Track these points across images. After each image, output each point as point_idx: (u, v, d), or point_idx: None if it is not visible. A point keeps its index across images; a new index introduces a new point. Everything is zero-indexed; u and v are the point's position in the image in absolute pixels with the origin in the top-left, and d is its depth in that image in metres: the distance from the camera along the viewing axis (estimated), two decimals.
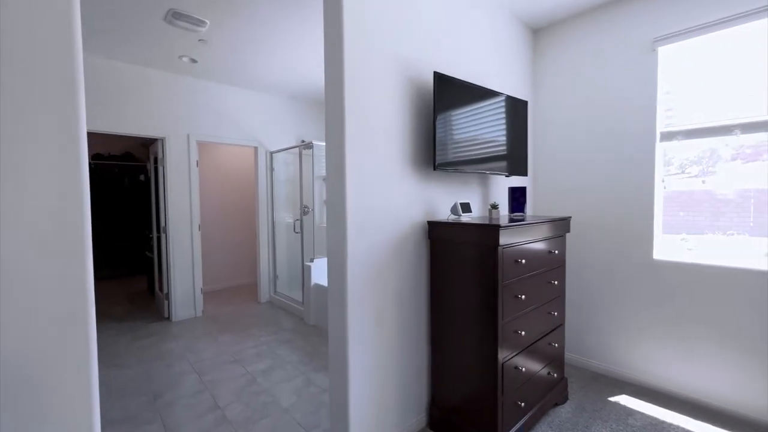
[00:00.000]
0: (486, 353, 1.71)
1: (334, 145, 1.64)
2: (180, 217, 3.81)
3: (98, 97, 3.29)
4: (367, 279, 1.71)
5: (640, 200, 2.34)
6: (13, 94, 0.79)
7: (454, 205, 1.94)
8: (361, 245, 1.67)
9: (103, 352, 3.03)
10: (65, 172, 0.86)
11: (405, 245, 1.87)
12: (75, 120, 0.85)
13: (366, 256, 1.69)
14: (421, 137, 1.94)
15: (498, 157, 2.20)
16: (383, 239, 1.76)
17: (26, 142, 0.80)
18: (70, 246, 0.92)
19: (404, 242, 1.87)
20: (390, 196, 1.79)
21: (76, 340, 0.85)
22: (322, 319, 3.56)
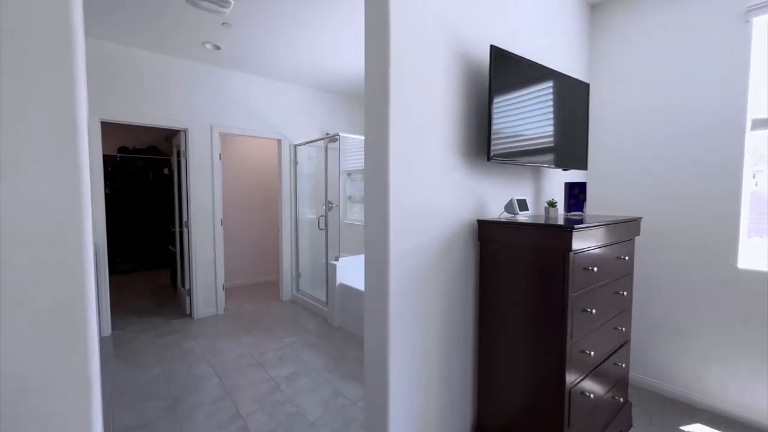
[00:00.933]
0: (549, 377, 1.45)
1: (376, 133, 1.42)
2: (202, 211, 3.70)
3: (118, 87, 3.19)
4: (411, 286, 1.48)
5: (722, 198, 2.01)
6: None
7: (510, 202, 1.68)
8: (404, 248, 1.44)
9: (123, 349, 2.93)
10: (59, 167, 0.76)
11: (452, 248, 1.63)
12: (71, 110, 0.77)
13: (410, 261, 1.46)
14: (472, 123, 1.69)
15: (557, 147, 1.92)
16: (429, 241, 1.53)
17: (11, 134, 0.71)
18: (65, 248, 0.76)
19: (451, 244, 1.62)
20: (437, 191, 1.55)
21: (73, 350, 0.79)
22: (348, 322, 3.37)
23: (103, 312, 3.17)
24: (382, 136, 1.39)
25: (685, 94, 2.11)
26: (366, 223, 1.49)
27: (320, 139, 3.99)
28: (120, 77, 3.19)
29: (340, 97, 4.68)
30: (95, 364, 0.85)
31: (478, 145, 1.71)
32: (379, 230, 1.42)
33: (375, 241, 1.45)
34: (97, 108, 3.09)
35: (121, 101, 3.20)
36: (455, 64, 1.60)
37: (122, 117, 3.22)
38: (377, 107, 1.41)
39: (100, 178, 3.15)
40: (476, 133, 1.71)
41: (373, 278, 1.48)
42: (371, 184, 1.45)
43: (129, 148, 5.91)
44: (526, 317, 1.53)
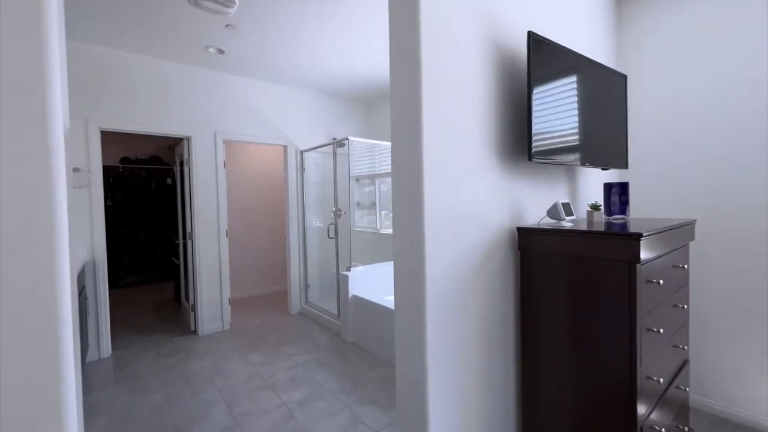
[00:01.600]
0: (614, 413, 1.24)
1: (407, 135, 1.24)
2: (206, 222, 3.52)
3: (119, 94, 3.04)
4: (449, 306, 1.28)
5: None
6: None
7: (554, 207, 1.48)
8: (441, 262, 1.25)
9: (124, 372, 2.74)
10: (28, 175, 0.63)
11: (491, 260, 1.43)
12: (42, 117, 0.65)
13: (447, 276, 1.27)
14: (507, 119, 1.50)
15: (597, 145, 1.73)
16: (465, 252, 1.33)
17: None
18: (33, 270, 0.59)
19: (489, 256, 1.43)
20: (473, 196, 1.36)
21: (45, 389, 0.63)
22: (362, 337, 3.16)
23: (102, 331, 2.99)
24: (414, 138, 1.20)
25: (730, 84, 1.91)
26: (395, 236, 1.30)
27: (328, 144, 3.82)
28: (120, 84, 3.04)
29: (346, 102, 4.53)
30: (69, 404, 0.67)
31: (514, 144, 1.53)
32: (412, 243, 1.23)
33: (407, 256, 1.25)
34: (97, 117, 2.94)
35: (122, 109, 3.05)
36: (489, 54, 1.42)
37: (124, 126, 3.07)
38: (407, 106, 1.22)
39: (100, 190, 2.99)
40: (512, 130, 1.52)
41: (405, 297, 1.28)
42: (401, 192, 1.26)
43: (131, 159, 5.78)
44: (579, 341, 1.32)
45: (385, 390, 2.43)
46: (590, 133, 1.68)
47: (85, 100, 2.88)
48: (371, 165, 4.54)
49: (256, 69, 3.52)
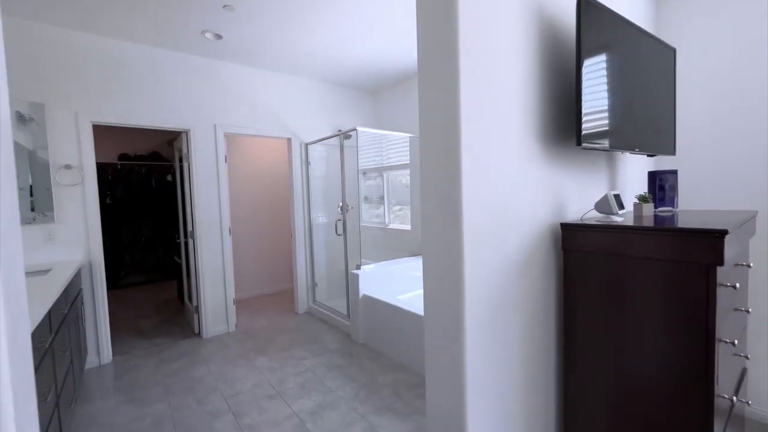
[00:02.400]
0: None
1: (441, 122, 1.05)
2: (208, 220, 3.35)
3: (111, 86, 2.85)
4: (489, 317, 1.10)
5: None
6: None
7: (604, 199, 1.29)
8: (481, 268, 1.06)
9: (125, 380, 2.60)
10: None
11: (532, 264, 1.25)
12: None
13: (488, 284, 1.09)
14: (550, 99, 1.31)
15: (645, 128, 1.53)
16: (506, 255, 1.15)
17: None
18: None
19: (531, 258, 1.25)
20: (514, 189, 1.17)
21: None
22: (374, 338, 3.00)
23: (102, 336, 2.84)
24: (450, 125, 1.02)
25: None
26: (424, 238, 1.11)
27: (334, 135, 3.63)
28: (113, 75, 2.85)
29: (352, 91, 4.32)
30: None
31: (557, 128, 1.33)
32: (447, 246, 1.05)
33: (441, 261, 1.07)
34: (88, 110, 2.75)
35: (115, 102, 2.87)
36: (532, 24, 1.22)
37: (117, 119, 2.88)
38: (442, 88, 1.03)
39: (94, 187, 2.82)
40: (555, 112, 1.33)
41: (437, 310, 1.10)
42: (433, 188, 1.08)
43: (130, 155, 5.61)
44: (643, 358, 1.14)
45: (402, 397, 2.27)
46: (639, 115, 1.49)
47: (75, 92, 2.70)
48: (378, 157, 4.34)
49: (257, 57, 3.31)
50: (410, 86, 3.95)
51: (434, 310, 1.11)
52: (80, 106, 2.72)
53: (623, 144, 1.41)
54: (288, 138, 3.85)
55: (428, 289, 1.13)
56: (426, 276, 1.13)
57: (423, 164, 1.11)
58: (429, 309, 1.13)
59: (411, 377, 2.50)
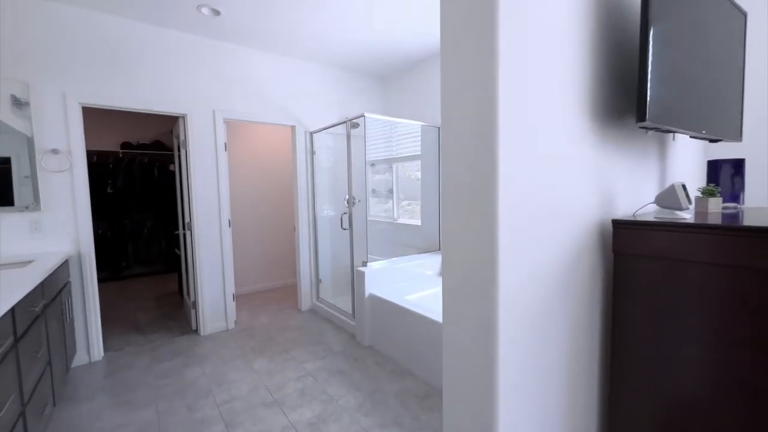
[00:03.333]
0: None
1: (474, 94, 0.81)
2: (207, 211, 3.17)
3: (101, 66, 2.65)
4: (529, 346, 0.87)
5: None
6: None
7: (670, 191, 1.04)
8: (519, 275, 0.84)
9: (114, 379, 2.43)
10: None
11: (576, 269, 1.02)
12: None
13: (526, 292, 0.86)
14: (606, 70, 1.06)
15: (712, 108, 1.27)
16: (547, 260, 0.92)
17: None
18: None
19: (576, 262, 1.01)
20: (558, 178, 0.94)
21: None
22: (381, 341, 2.79)
23: (92, 332, 2.68)
24: (485, 100, 0.78)
25: None
26: (446, 239, 0.88)
27: (340, 123, 3.39)
28: (103, 54, 2.65)
29: (361, 77, 4.07)
30: None
31: (610, 104, 1.08)
32: (476, 247, 0.82)
33: (468, 265, 0.84)
34: (76, 91, 2.56)
35: (106, 83, 2.67)
36: None
37: (108, 101, 2.69)
38: (473, 52, 0.79)
39: (84, 174, 2.64)
40: (608, 85, 1.08)
41: (460, 324, 0.87)
42: (457, 180, 0.86)
43: (132, 144, 5.47)
44: (722, 392, 0.90)
45: (410, 409, 2.06)
46: (705, 93, 1.22)
47: (62, 71, 2.51)
48: (388, 148, 4.10)
49: (259, 37, 3.09)
50: (422, 72, 3.69)
51: (457, 319, 0.88)
52: (68, 86, 2.53)
53: (689, 124, 1.15)
54: (292, 126, 3.63)
55: (450, 296, 0.90)
56: (447, 280, 0.90)
57: (446, 150, 0.88)
58: (451, 317, 0.90)
59: (419, 386, 2.29)
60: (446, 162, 0.89)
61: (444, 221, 0.90)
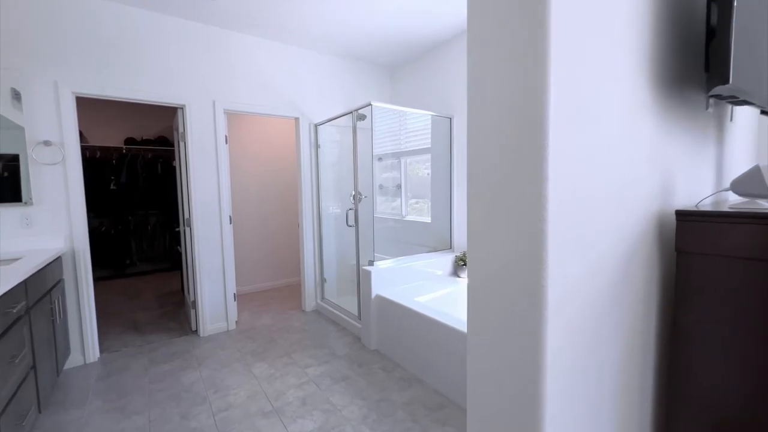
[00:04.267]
0: None
1: (518, 51, 0.64)
2: (207, 207, 3.03)
3: (94, 52, 2.53)
4: (580, 354, 0.70)
5: None
6: None
7: (753, 174, 0.85)
8: (572, 272, 0.66)
9: (108, 382, 2.31)
10: None
11: (630, 269, 0.83)
12: None
13: (577, 300, 0.68)
14: (669, 25, 0.87)
15: None
16: (600, 259, 0.74)
17: None
18: None
19: (631, 261, 0.83)
20: (615, 159, 0.76)
21: None
22: (387, 345, 2.63)
23: (87, 332, 2.57)
24: (533, 61, 0.61)
25: None
26: (473, 237, 0.72)
27: (346, 113, 3.22)
28: (97, 42, 2.52)
29: (367, 67, 3.90)
30: None
31: (673, 67, 0.89)
32: (516, 246, 0.64)
33: (503, 263, 0.67)
34: (69, 79, 2.44)
35: (101, 72, 2.55)
36: None
37: (102, 91, 2.57)
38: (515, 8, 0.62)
39: (77, 167, 2.52)
40: (672, 42, 0.89)
41: (490, 338, 0.70)
42: (490, 160, 0.67)
43: (136, 139, 5.39)
44: None
45: (419, 422, 1.89)
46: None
47: (53, 58, 2.39)
48: (395, 142, 3.93)
49: (260, 24, 2.94)
50: (432, 60, 3.50)
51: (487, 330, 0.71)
52: (60, 75, 2.41)
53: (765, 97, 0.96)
54: (296, 118, 3.48)
55: (478, 300, 0.73)
56: (474, 285, 0.73)
57: (474, 126, 0.71)
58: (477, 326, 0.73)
59: (430, 395, 2.12)
60: (472, 143, 0.72)
61: (471, 210, 0.73)
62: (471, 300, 0.74)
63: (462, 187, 3.30)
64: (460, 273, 3.19)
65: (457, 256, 3.25)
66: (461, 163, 3.30)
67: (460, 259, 3.21)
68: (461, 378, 2.01)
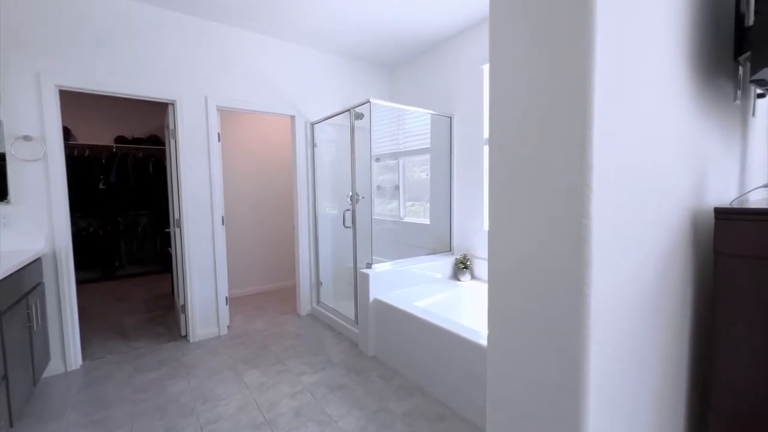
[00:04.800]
0: None
1: (559, 26, 0.54)
2: (198, 207, 2.91)
3: (79, 44, 2.41)
4: (623, 378, 0.60)
5: None
6: None
7: None
8: (615, 277, 0.56)
9: (89, 393, 2.18)
10: None
11: (668, 272, 0.74)
12: None
13: (622, 305, 0.58)
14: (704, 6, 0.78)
15: None
16: (640, 262, 0.64)
17: None
18: None
19: (667, 265, 0.73)
20: (655, 149, 0.67)
21: None
22: (386, 351, 2.52)
23: (69, 338, 2.43)
24: (579, 34, 0.51)
25: None
26: (496, 237, 0.62)
27: (343, 111, 3.12)
28: (83, 32, 2.41)
29: (366, 66, 3.81)
30: None
31: (708, 52, 0.81)
32: (551, 245, 0.55)
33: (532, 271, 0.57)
34: (52, 71, 2.32)
35: (87, 64, 2.43)
36: None
37: (88, 84, 2.45)
38: None
39: (61, 164, 2.39)
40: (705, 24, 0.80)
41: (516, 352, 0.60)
42: (521, 146, 0.57)
43: (127, 138, 5.25)
44: None
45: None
46: None
47: (35, 48, 2.27)
48: (394, 142, 3.84)
49: (257, 19, 2.83)
50: (433, 59, 3.42)
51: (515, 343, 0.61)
52: (43, 65, 2.29)
53: None
54: (292, 116, 3.37)
55: (502, 314, 0.63)
56: (496, 291, 0.63)
57: (498, 110, 0.61)
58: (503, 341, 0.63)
59: (431, 405, 2.01)
60: (500, 124, 0.63)
61: (495, 206, 0.63)
62: (494, 310, 0.64)
63: (462, 187, 3.21)
64: (460, 276, 3.09)
65: (458, 259, 3.16)
66: (461, 163, 3.22)
67: (461, 262, 3.12)
68: (463, 386, 1.91)
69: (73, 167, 4.78)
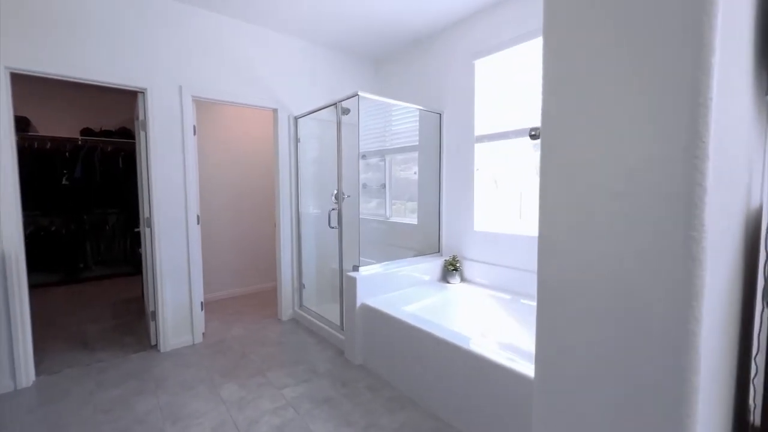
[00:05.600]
0: None
1: None
2: (170, 205, 2.68)
3: (37, 23, 2.15)
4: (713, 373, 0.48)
5: None
6: None
7: None
8: (717, 278, 0.43)
9: (39, 413, 1.94)
10: None
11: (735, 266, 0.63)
12: None
13: (720, 307, 0.46)
14: None
15: None
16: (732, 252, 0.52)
17: None
18: None
19: (736, 259, 0.62)
20: (733, 142, 0.55)
21: None
22: (374, 359, 2.38)
23: (19, 352, 2.17)
24: None
25: None
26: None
27: (329, 105, 2.96)
28: (42, 10, 2.15)
29: (351, 58, 3.65)
30: None
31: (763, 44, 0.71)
32: (643, 265, 0.42)
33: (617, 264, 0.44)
34: (4, 53, 2.06)
35: (44, 46, 2.17)
36: None
37: (47, 67, 2.19)
38: None
39: (11, 158, 2.13)
40: None
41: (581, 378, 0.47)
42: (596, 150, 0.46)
43: (94, 130, 4.88)
44: None
45: None
46: None
47: None
48: (380, 139, 3.70)
49: (236, 4, 2.63)
50: (422, 53, 3.30)
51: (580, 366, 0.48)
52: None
53: None
54: (274, 109, 3.18)
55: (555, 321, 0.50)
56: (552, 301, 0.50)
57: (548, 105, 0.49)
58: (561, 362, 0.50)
59: (424, 420, 1.89)
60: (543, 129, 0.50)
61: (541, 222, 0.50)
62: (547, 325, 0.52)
63: (451, 186, 3.10)
64: (449, 278, 2.99)
65: (447, 261, 3.05)
66: (451, 162, 3.11)
67: (450, 264, 3.01)
68: (459, 399, 1.80)
69: (33, 161, 4.41)
